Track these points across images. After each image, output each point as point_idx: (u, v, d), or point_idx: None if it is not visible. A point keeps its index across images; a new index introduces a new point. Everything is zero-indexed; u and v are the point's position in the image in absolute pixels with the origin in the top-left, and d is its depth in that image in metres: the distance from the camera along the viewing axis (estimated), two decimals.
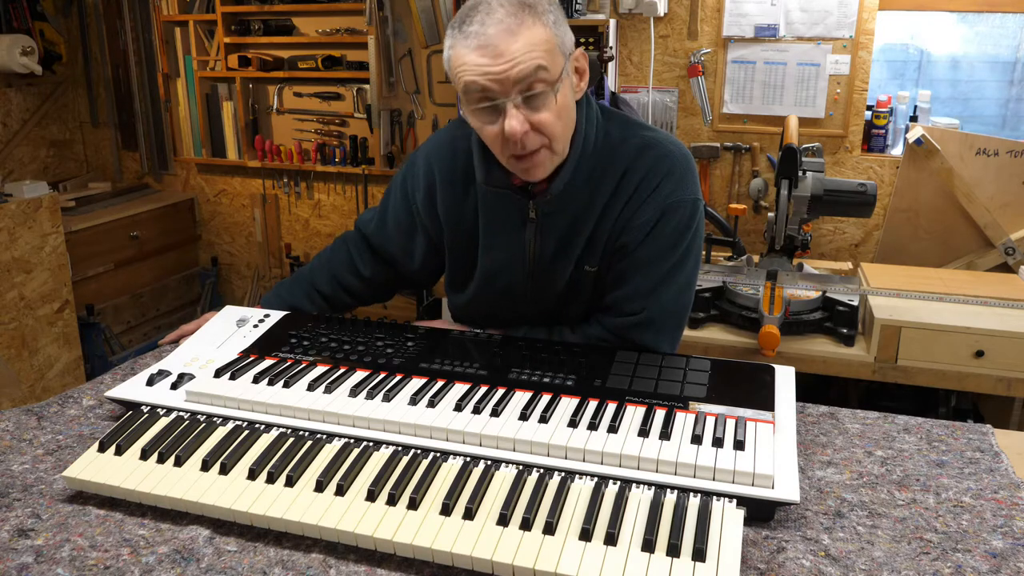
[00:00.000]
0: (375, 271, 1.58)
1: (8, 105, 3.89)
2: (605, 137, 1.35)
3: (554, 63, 1.18)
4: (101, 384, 1.38)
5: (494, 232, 1.41)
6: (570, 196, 1.33)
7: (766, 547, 0.95)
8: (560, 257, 1.38)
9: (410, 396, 1.15)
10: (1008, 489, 1.06)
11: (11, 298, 3.03)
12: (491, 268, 1.44)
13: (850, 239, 3.16)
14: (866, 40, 2.94)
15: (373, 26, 3.40)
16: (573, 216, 1.35)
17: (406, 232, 1.52)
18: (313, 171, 3.85)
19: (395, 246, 1.55)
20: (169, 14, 3.87)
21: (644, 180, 1.32)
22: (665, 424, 1.07)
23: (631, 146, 1.34)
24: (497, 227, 1.40)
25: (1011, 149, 2.82)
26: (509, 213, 1.38)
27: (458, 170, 1.42)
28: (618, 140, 1.34)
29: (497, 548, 0.90)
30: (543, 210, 1.35)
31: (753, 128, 3.16)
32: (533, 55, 1.16)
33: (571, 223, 1.35)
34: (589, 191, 1.33)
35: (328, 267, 1.60)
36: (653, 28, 3.15)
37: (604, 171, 1.33)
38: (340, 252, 1.61)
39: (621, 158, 1.33)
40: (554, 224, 1.36)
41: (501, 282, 1.44)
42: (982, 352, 2.18)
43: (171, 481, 1.03)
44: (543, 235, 1.37)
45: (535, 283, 1.42)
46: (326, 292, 1.58)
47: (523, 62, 1.15)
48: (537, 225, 1.37)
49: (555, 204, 1.33)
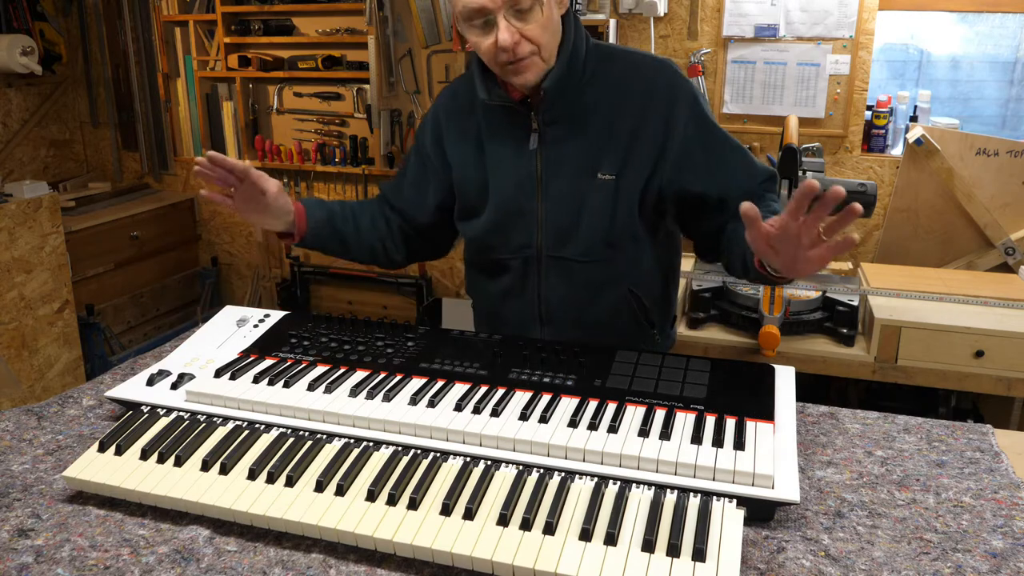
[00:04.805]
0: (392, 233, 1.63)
1: (8, 105, 3.89)
2: (595, 48, 1.44)
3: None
4: (101, 384, 1.38)
5: (500, 150, 1.47)
6: (569, 103, 1.41)
7: (766, 547, 0.95)
8: (569, 166, 1.43)
9: (410, 396, 1.15)
10: (1008, 489, 1.06)
11: (11, 298, 3.03)
12: (502, 189, 1.48)
13: None
14: (866, 40, 2.94)
15: (373, 26, 3.40)
16: (577, 123, 1.42)
17: (418, 183, 1.60)
18: (313, 171, 3.84)
19: (408, 201, 1.61)
20: (169, 14, 3.87)
21: (653, 87, 1.41)
22: (665, 424, 1.07)
23: (625, 60, 1.45)
24: (503, 145, 1.47)
25: (1011, 149, 2.82)
26: (512, 127, 1.45)
27: (460, 104, 1.52)
28: (607, 53, 1.46)
29: (497, 548, 0.90)
30: (544, 119, 1.42)
31: (753, 128, 3.16)
32: None
33: (576, 130, 1.42)
34: (592, 98, 1.41)
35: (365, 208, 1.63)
36: (653, 28, 3.15)
37: (603, 79, 1.42)
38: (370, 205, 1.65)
39: (619, 68, 1.44)
40: (558, 132, 1.43)
41: (512, 200, 1.48)
42: (982, 352, 2.18)
43: (171, 481, 1.03)
44: (548, 144, 1.43)
45: (547, 197, 1.45)
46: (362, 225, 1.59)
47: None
48: (540, 135, 1.43)
49: (555, 110, 1.41)
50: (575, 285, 1.50)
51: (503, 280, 1.55)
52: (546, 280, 1.51)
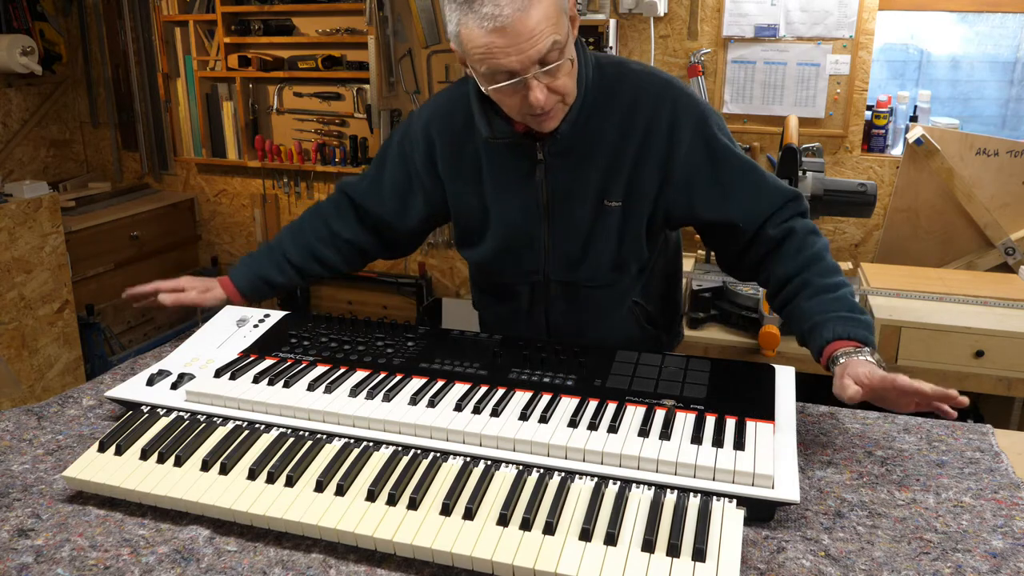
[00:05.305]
0: (355, 236, 1.57)
1: (8, 105, 3.89)
2: (600, 74, 1.37)
3: (562, 29, 1.20)
4: (101, 384, 1.38)
5: (502, 180, 1.42)
6: (577, 133, 1.35)
7: (766, 547, 0.95)
8: (575, 195, 1.39)
9: (410, 396, 1.15)
10: (1008, 489, 1.06)
11: (11, 298, 3.02)
12: (506, 217, 1.44)
13: (850, 239, 3.16)
14: (866, 40, 2.94)
15: (373, 26, 3.40)
16: (582, 152, 1.37)
17: (402, 193, 1.53)
18: (313, 171, 3.84)
19: (387, 208, 1.54)
20: (169, 14, 3.87)
21: (657, 110, 1.35)
22: (665, 424, 1.07)
23: (629, 81, 1.37)
24: (505, 176, 1.42)
25: (1011, 149, 2.82)
26: (517, 160, 1.39)
27: (457, 126, 1.43)
28: (613, 77, 1.37)
29: (497, 548, 0.90)
30: (551, 150, 1.36)
31: (753, 128, 3.16)
32: (547, 30, 1.17)
33: (581, 159, 1.37)
34: (596, 126, 1.36)
35: (300, 236, 1.58)
36: (653, 28, 3.15)
37: (607, 104, 1.36)
38: (313, 221, 1.59)
39: (623, 91, 1.36)
40: (564, 162, 1.38)
41: (518, 229, 1.44)
42: (982, 352, 2.18)
43: (171, 481, 1.03)
44: (554, 174, 1.38)
45: (553, 226, 1.42)
46: (297, 261, 1.56)
47: (540, 40, 1.17)
48: (546, 165, 1.38)
49: (562, 141, 1.35)
50: (583, 308, 1.49)
51: (510, 303, 1.54)
52: (553, 304, 1.50)
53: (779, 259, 1.35)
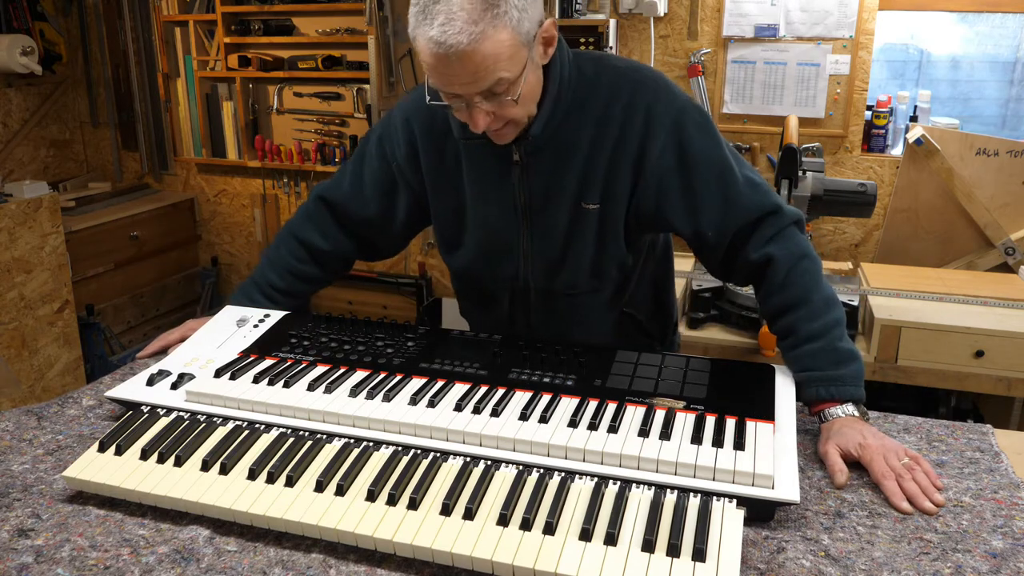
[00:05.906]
0: (334, 245, 1.54)
1: (8, 105, 3.89)
2: (579, 73, 1.32)
3: (516, 64, 1.16)
4: (101, 384, 1.38)
5: (480, 181, 1.39)
6: (553, 134, 1.31)
7: (766, 547, 0.95)
8: (553, 197, 1.35)
9: (410, 396, 1.15)
10: (1008, 489, 1.06)
11: (11, 298, 3.03)
12: (484, 220, 1.41)
13: (850, 239, 3.16)
14: (866, 40, 2.94)
15: (373, 26, 3.40)
16: (559, 153, 1.33)
17: (386, 192, 1.49)
18: (313, 171, 3.84)
19: (372, 209, 1.50)
20: (169, 14, 3.87)
21: (632, 109, 1.30)
22: (665, 424, 1.07)
23: (607, 79, 1.32)
24: (483, 176, 1.38)
25: (1011, 149, 2.82)
26: (493, 160, 1.35)
27: (437, 124, 1.39)
28: (592, 75, 1.32)
29: (497, 548, 0.90)
30: (526, 150, 1.32)
31: (753, 128, 3.16)
32: (494, 68, 1.12)
33: (558, 160, 1.33)
34: (573, 127, 1.31)
35: (279, 262, 1.55)
36: (653, 28, 3.15)
37: (584, 106, 1.31)
38: (288, 243, 1.55)
39: (600, 91, 1.31)
40: (540, 164, 1.33)
41: (496, 233, 1.41)
42: (982, 352, 2.18)
43: (171, 481, 1.03)
44: (530, 176, 1.35)
45: (531, 228, 1.39)
46: (283, 287, 1.54)
47: (483, 77, 1.13)
48: (522, 167, 1.34)
49: (538, 143, 1.32)
50: (564, 316, 1.46)
51: (493, 312, 1.52)
52: (535, 313, 1.47)
53: (766, 290, 1.32)
